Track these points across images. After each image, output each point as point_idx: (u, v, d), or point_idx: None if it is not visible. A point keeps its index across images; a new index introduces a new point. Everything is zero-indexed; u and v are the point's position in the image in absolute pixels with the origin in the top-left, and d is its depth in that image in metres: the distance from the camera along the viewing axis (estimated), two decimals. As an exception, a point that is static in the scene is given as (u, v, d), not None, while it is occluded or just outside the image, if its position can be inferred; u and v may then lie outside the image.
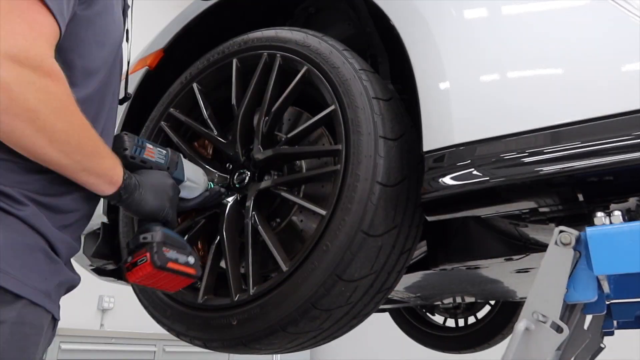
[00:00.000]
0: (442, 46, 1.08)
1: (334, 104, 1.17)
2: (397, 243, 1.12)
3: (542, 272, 0.88)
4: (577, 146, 0.90)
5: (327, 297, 1.08)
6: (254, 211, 1.23)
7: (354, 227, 1.06)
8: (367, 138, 1.10)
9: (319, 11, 1.61)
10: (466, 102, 1.03)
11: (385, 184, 1.08)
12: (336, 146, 1.16)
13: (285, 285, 1.11)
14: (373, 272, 1.10)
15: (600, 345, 1.34)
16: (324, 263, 1.07)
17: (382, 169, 1.08)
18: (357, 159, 1.09)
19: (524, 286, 1.95)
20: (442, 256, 1.45)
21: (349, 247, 1.06)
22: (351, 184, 1.08)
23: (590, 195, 0.98)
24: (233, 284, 1.20)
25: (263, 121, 1.28)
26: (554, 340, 0.84)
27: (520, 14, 1.05)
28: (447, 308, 2.95)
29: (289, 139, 1.26)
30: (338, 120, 1.16)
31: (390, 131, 1.13)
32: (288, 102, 1.30)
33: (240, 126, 1.31)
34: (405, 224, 1.13)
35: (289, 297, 1.10)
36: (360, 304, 1.14)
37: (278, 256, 1.16)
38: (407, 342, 3.04)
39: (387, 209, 1.08)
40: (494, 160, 0.97)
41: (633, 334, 1.76)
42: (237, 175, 1.33)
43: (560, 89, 0.96)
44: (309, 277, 1.08)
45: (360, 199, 1.06)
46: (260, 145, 1.27)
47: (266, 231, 1.21)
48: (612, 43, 0.95)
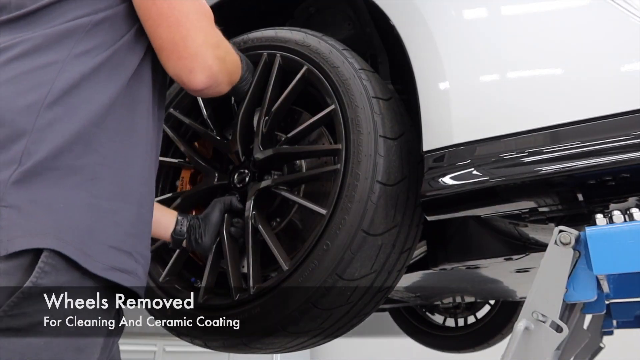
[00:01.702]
0: (442, 46, 1.08)
1: (333, 104, 1.18)
2: (397, 242, 1.13)
3: (542, 271, 0.88)
4: (577, 146, 0.90)
5: (327, 296, 1.08)
6: (254, 210, 1.24)
7: (354, 226, 1.06)
8: (367, 137, 1.11)
9: (319, 11, 1.62)
10: (466, 102, 1.04)
11: (385, 183, 1.09)
12: (336, 145, 1.16)
13: (285, 284, 1.12)
14: (373, 271, 1.11)
15: (599, 344, 1.35)
16: (324, 262, 1.07)
17: (382, 168, 1.09)
18: (357, 158, 1.10)
19: (524, 286, 1.95)
20: (442, 256, 1.45)
21: (349, 246, 1.06)
22: (351, 183, 1.09)
23: (590, 195, 0.98)
24: (234, 283, 1.21)
25: (263, 121, 1.28)
26: (554, 340, 0.84)
27: (520, 14, 1.05)
28: (447, 308, 2.95)
29: (289, 138, 1.26)
30: (338, 119, 1.16)
31: (390, 130, 1.13)
32: (288, 102, 1.30)
33: (241, 126, 1.31)
34: (405, 223, 1.14)
35: (289, 297, 1.10)
36: (360, 304, 1.15)
37: (278, 255, 1.16)
38: (407, 342, 3.04)
39: (387, 208, 1.09)
40: (493, 160, 0.97)
41: (633, 334, 1.76)
42: (237, 175, 1.33)
43: (560, 89, 0.96)
44: (310, 277, 1.09)
45: (361, 198, 1.07)
46: (260, 144, 1.28)
47: (266, 230, 1.21)
48: (612, 43, 0.95)
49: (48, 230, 0.72)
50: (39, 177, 0.74)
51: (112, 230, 0.79)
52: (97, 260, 0.76)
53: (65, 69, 0.79)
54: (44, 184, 0.74)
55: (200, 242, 1.20)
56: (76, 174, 0.77)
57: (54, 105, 0.77)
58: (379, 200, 1.07)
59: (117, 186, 0.81)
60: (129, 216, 0.82)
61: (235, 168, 1.34)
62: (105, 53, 0.84)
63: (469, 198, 1.03)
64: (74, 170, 0.77)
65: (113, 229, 0.79)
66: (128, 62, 0.87)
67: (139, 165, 0.87)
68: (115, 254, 0.79)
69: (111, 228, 0.79)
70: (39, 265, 0.71)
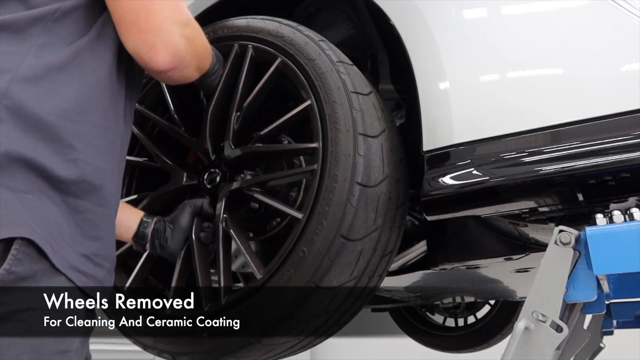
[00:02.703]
0: (442, 46, 1.08)
1: (309, 99, 1.10)
2: (378, 246, 1.07)
3: (542, 271, 0.88)
4: (577, 146, 0.90)
5: (304, 306, 1.02)
6: (225, 214, 1.15)
7: (333, 232, 1.00)
8: (345, 135, 1.04)
9: (319, 11, 1.61)
10: (466, 101, 1.04)
11: (365, 185, 1.02)
12: (313, 144, 1.08)
13: (259, 294, 1.04)
14: (353, 277, 1.05)
15: (599, 344, 1.35)
16: (300, 270, 1.01)
17: (362, 169, 1.02)
18: (335, 158, 1.03)
19: (524, 286, 1.95)
20: (442, 256, 1.45)
21: (327, 253, 1.00)
22: (329, 185, 1.02)
23: (590, 195, 0.98)
24: (203, 292, 1.12)
25: (235, 117, 1.20)
26: (554, 340, 0.84)
27: (520, 14, 1.05)
28: (446, 308, 2.95)
29: (262, 136, 1.18)
30: (314, 116, 1.09)
31: (370, 128, 1.06)
32: (261, 97, 1.21)
33: (210, 122, 1.22)
34: (386, 226, 1.07)
35: (263, 308, 1.04)
36: (339, 312, 1.09)
37: (251, 263, 1.09)
38: (407, 342, 3.04)
39: (368, 211, 1.03)
40: (493, 160, 0.97)
41: (633, 334, 1.76)
42: (207, 175, 1.23)
43: (560, 89, 0.96)
44: (285, 286, 1.02)
45: (339, 201, 1.01)
46: (231, 143, 1.19)
47: (238, 235, 1.14)
48: (612, 43, 0.95)
49: (21, 220, 0.71)
50: (7, 169, 0.72)
51: (75, 230, 0.77)
52: (60, 256, 0.74)
53: (29, 58, 0.76)
54: (11, 175, 0.72)
55: (166, 247, 1.12)
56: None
57: (17, 94, 0.74)
58: (358, 203, 1.01)
59: (86, 184, 0.78)
60: (92, 217, 0.79)
61: (205, 168, 1.25)
62: (76, 44, 0.79)
63: (469, 198, 1.03)
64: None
65: (76, 228, 0.77)
66: (99, 55, 0.82)
67: (109, 163, 0.83)
68: (74, 254, 0.77)
69: (74, 227, 0.77)
70: (12, 253, 0.70)
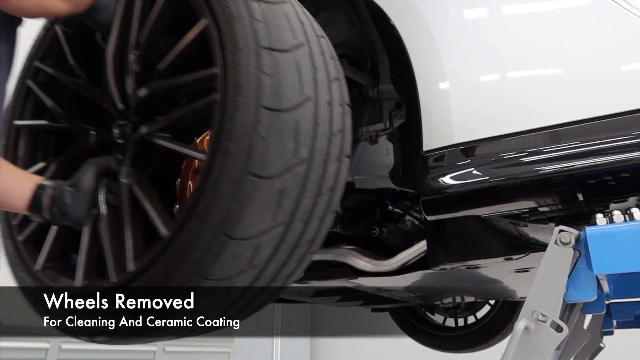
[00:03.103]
0: (442, 46, 1.08)
1: (205, 18, 0.95)
2: (307, 183, 0.90)
3: (542, 271, 0.89)
4: (577, 146, 0.90)
5: (217, 263, 0.86)
6: (133, 168, 1.00)
7: (238, 170, 0.84)
8: (245, 53, 0.87)
9: (319, 11, 1.62)
10: (466, 101, 1.04)
11: (275, 109, 0.86)
12: (212, 70, 0.92)
13: (167, 254, 0.89)
14: (279, 223, 0.88)
15: (599, 344, 1.35)
16: (207, 221, 0.85)
17: (269, 90, 0.86)
18: (235, 82, 0.87)
19: (524, 286, 1.95)
20: (442, 256, 1.45)
21: (234, 197, 0.84)
22: (231, 114, 0.86)
23: (590, 195, 0.99)
24: (112, 262, 0.98)
25: (135, 56, 1.05)
26: (554, 340, 0.85)
27: (520, 15, 1.06)
28: (446, 308, 2.95)
29: (162, 71, 1.03)
30: (212, 37, 0.93)
31: (277, 40, 0.90)
32: (158, 27, 1.06)
33: (112, 67, 1.07)
34: (317, 158, 0.91)
35: (173, 270, 0.89)
36: (273, 266, 0.93)
37: (155, 218, 0.94)
38: (407, 342, 3.04)
39: (283, 141, 0.86)
40: (493, 160, 0.97)
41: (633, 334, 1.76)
42: (117, 130, 1.07)
43: (560, 89, 0.96)
44: (192, 242, 0.86)
45: (243, 133, 0.85)
46: (134, 86, 1.05)
47: (143, 189, 0.99)
48: (612, 43, 0.95)
49: None
50: None
51: None
52: None
53: None
54: None
55: (67, 214, 0.97)
56: None
57: None
58: (269, 132, 0.85)
59: None
60: None
61: (114, 121, 1.09)
62: None
63: (469, 198, 1.03)
64: None
65: None
66: None
67: None
68: None
69: None
70: None
